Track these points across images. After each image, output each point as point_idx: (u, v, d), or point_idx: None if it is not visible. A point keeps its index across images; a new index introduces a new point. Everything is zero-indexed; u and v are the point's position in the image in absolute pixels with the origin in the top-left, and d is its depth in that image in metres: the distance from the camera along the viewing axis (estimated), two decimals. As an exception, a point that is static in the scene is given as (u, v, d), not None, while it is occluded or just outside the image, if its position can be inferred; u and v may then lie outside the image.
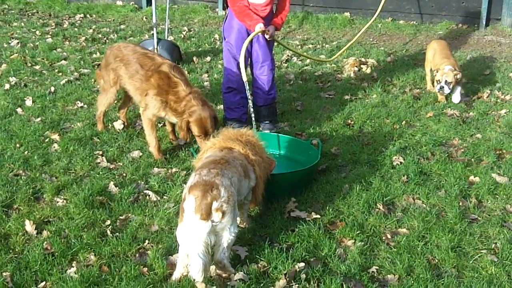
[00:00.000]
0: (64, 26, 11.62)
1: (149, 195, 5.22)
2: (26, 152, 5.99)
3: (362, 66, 8.97)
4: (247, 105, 6.75)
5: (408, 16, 11.69)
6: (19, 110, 7.13)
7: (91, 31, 11.20)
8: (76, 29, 11.39)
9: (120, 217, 4.88)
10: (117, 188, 5.31)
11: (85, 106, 7.32)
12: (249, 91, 6.16)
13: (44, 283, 4.06)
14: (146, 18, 12.26)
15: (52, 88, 7.86)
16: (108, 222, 4.79)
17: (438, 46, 8.08)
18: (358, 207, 5.03)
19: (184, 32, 11.12)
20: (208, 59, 9.45)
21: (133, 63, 5.99)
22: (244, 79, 6.10)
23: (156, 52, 8.20)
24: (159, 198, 5.19)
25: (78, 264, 4.24)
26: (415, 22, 11.58)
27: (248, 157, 4.54)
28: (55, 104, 7.36)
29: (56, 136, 6.36)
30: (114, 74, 6.19)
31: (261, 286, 4.04)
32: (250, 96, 6.14)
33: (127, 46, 6.29)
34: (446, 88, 7.36)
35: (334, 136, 6.56)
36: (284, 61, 9.42)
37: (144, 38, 10.24)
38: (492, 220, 4.91)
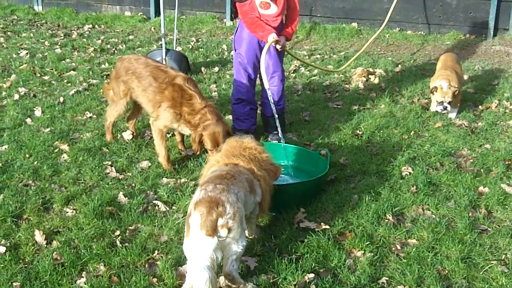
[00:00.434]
0: (73, 36, 11.69)
1: (158, 206, 5.23)
2: (36, 162, 6.02)
3: (370, 76, 8.97)
4: (261, 114, 6.79)
5: (416, 26, 11.70)
6: (28, 120, 7.17)
7: (99, 41, 11.27)
8: (84, 39, 11.46)
9: (130, 227, 4.89)
10: (126, 198, 5.33)
11: (94, 116, 7.36)
12: (271, 97, 6.14)
13: (54, 293, 4.07)
14: (154, 28, 12.32)
15: (61, 99, 7.91)
16: (118, 233, 4.80)
17: (444, 58, 8.07)
18: (367, 217, 5.02)
19: (192, 43, 11.17)
20: (216, 69, 9.49)
21: (146, 76, 6.02)
22: (266, 86, 6.11)
23: (164, 62, 8.26)
24: (168, 209, 5.20)
25: (88, 275, 4.25)
26: (422, 32, 11.58)
27: (253, 172, 4.53)
28: (64, 114, 7.40)
29: (65, 147, 6.38)
30: (125, 86, 6.22)
31: (270, 297, 4.05)
32: (272, 102, 6.12)
33: (139, 58, 6.32)
34: (449, 107, 7.35)
35: (343, 146, 6.56)
36: (292, 71, 9.44)
37: (152, 49, 10.28)
38: (502, 230, 4.89)
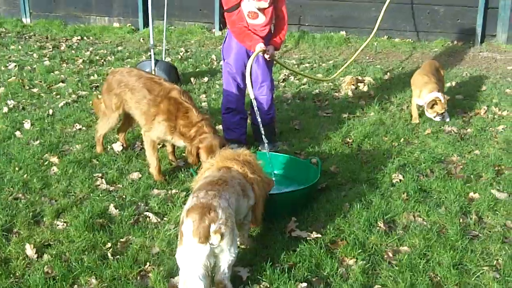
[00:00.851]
0: (61, 48, 11.66)
1: (149, 217, 5.21)
2: (26, 175, 5.98)
3: (359, 84, 9.01)
4: (251, 123, 6.79)
5: (404, 34, 11.76)
6: (17, 133, 7.13)
7: (88, 53, 11.24)
8: (73, 51, 11.43)
9: (121, 239, 4.86)
10: (117, 210, 5.31)
11: (83, 128, 7.33)
12: (256, 107, 6.16)
13: (45, 307, 4.05)
14: (143, 39, 12.31)
15: (50, 111, 7.88)
16: (109, 245, 4.77)
17: (426, 66, 8.08)
18: (359, 225, 5.03)
19: (181, 53, 11.17)
20: (206, 79, 9.49)
21: (139, 88, 6.00)
22: (251, 96, 6.12)
23: (153, 73, 8.25)
24: (159, 220, 5.18)
25: (79, 288, 4.23)
26: (410, 40, 11.65)
27: (246, 176, 4.54)
28: (54, 126, 7.37)
29: (55, 159, 6.35)
30: (117, 99, 6.20)
31: (263, 307, 4.03)
32: (257, 113, 6.14)
33: (131, 71, 6.31)
34: (447, 115, 7.41)
35: (333, 154, 6.57)
36: (281, 80, 9.46)
37: (141, 60, 10.28)
38: (493, 236, 4.91)
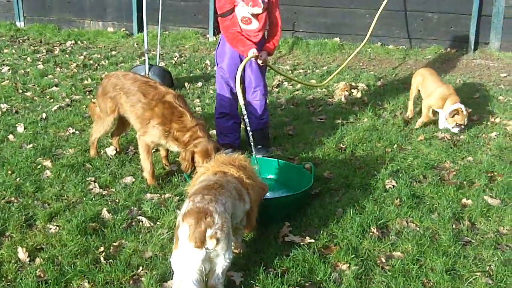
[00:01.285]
0: (55, 52, 11.65)
1: (142, 221, 5.20)
2: (18, 179, 5.96)
3: (353, 91, 9.03)
4: (244, 129, 6.78)
5: (397, 41, 11.81)
6: (10, 136, 7.11)
7: (82, 57, 11.23)
8: (67, 55, 11.42)
9: (114, 243, 4.84)
10: (110, 214, 5.29)
11: (76, 132, 7.32)
12: (246, 113, 6.18)
13: (37, 311, 4.03)
14: (137, 44, 12.31)
15: (44, 115, 7.86)
16: (102, 249, 4.75)
17: (428, 73, 7.96)
18: (352, 231, 5.03)
19: (175, 58, 11.17)
20: (200, 84, 9.49)
21: (134, 92, 5.99)
22: (241, 102, 6.13)
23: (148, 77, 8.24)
24: (152, 224, 5.17)
25: (71, 292, 4.21)
26: (404, 47, 11.70)
27: (242, 181, 4.54)
28: (47, 130, 7.35)
29: (48, 163, 6.34)
30: (112, 102, 6.18)
31: (256, 312, 4.03)
32: (247, 119, 6.16)
33: (127, 74, 6.30)
34: (464, 128, 7.37)
35: (327, 160, 6.58)
36: (275, 86, 9.47)
37: (135, 64, 10.28)
38: (485, 242, 4.93)
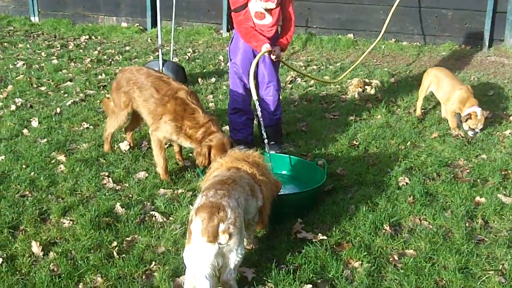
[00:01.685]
0: (70, 47, 11.70)
1: (155, 216, 5.22)
2: (33, 173, 6.01)
3: (366, 87, 9.01)
4: (257, 125, 6.79)
5: (411, 37, 11.75)
6: (25, 131, 7.16)
7: (96, 52, 11.28)
8: (81, 50, 11.47)
9: (127, 238, 4.87)
10: (123, 209, 5.32)
11: (90, 127, 7.36)
12: (259, 109, 6.20)
13: (51, 304, 4.06)
14: (150, 39, 12.34)
15: (58, 109, 7.91)
16: (115, 244, 4.78)
17: (443, 74, 7.81)
18: (364, 228, 5.02)
19: (188, 54, 11.19)
20: (213, 80, 9.50)
21: (147, 87, 6.01)
22: (254, 97, 6.14)
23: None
24: (165, 219, 5.19)
25: (84, 286, 4.24)
26: (418, 43, 11.63)
27: (255, 177, 4.55)
28: (61, 125, 7.40)
29: (62, 157, 6.38)
30: (126, 97, 6.21)
31: (268, 308, 4.04)
32: (260, 115, 6.17)
33: (141, 69, 6.33)
34: (479, 132, 7.24)
35: (340, 157, 6.57)
36: (288, 82, 9.46)
37: (149, 60, 10.30)
38: (499, 241, 4.90)
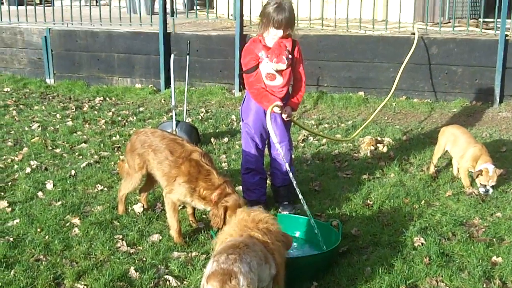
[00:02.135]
0: (84, 109, 11.87)
1: (169, 280, 5.19)
2: (47, 236, 6.03)
3: (379, 145, 9.03)
4: (271, 184, 6.84)
5: (422, 94, 11.84)
6: (40, 194, 7.21)
7: (110, 114, 11.42)
8: (95, 112, 11.62)
9: (141, 303, 4.85)
10: (137, 273, 5.30)
11: (105, 189, 7.40)
12: (282, 152, 6.35)
13: None
14: (164, 100, 12.50)
15: (73, 172, 7.97)
16: (129, 309, 4.76)
17: (460, 132, 7.82)
18: (381, 290, 4.98)
19: (201, 114, 11.31)
20: (226, 140, 9.58)
21: (162, 149, 6.09)
22: (274, 140, 6.25)
23: (175, 134, 8.35)
24: (179, 283, 5.17)
25: None
26: (429, 100, 11.70)
27: (267, 245, 4.50)
28: (76, 187, 7.45)
29: (76, 220, 6.40)
30: (140, 159, 6.28)
31: None
32: (281, 152, 6.25)
33: (155, 131, 6.42)
34: (491, 190, 7.17)
35: (354, 216, 6.55)
36: (301, 140, 9.52)
37: (162, 120, 10.42)
38: (518, 302, 4.84)
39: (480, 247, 5.73)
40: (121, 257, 5.63)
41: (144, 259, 5.63)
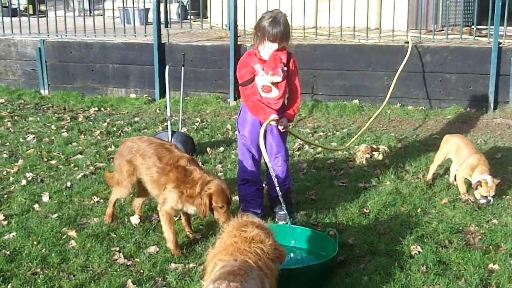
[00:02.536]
0: (79, 119, 11.85)
1: (167, 292, 5.20)
2: (44, 249, 6.01)
3: (374, 153, 9.05)
4: (267, 194, 6.83)
5: (417, 101, 11.88)
6: (36, 206, 7.19)
7: (105, 124, 11.41)
8: (90, 122, 11.60)
9: (139, 316, 4.84)
10: (135, 285, 5.29)
11: (101, 200, 7.39)
12: (272, 171, 6.28)
13: None
14: (159, 110, 12.50)
15: (69, 183, 7.95)
16: (127, 322, 4.75)
17: (463, 142, 7.81)
18: (378, 300, 4.98)
19: (197, 123, 11.31)
20: (221, 149, 9.58)
21: (150, 154, 6.12)
22: (266, 159, 6.23)
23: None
24: (177, 295, 5.17)
25: None
26: (423, 107, 11.75)
27: (261, 269, 4.36)
28: (72, 199, 7.43)
29: (73, 233, 6.39)
30: (129, 165, 6.28)
31: None
32: (275, 179, 6.22)
33: (142, 137, 6.49)
34: (492, 200, 7.16)
35: (350, 225, 6.56)
36: (296, 149, 9.53)
37: (158, 130, 10.43)
38: (515, 310, 4.85)
39: (476, 254, 5.74)
40: (118, 269, 5.62)
41: (142, 271, 5.62)
